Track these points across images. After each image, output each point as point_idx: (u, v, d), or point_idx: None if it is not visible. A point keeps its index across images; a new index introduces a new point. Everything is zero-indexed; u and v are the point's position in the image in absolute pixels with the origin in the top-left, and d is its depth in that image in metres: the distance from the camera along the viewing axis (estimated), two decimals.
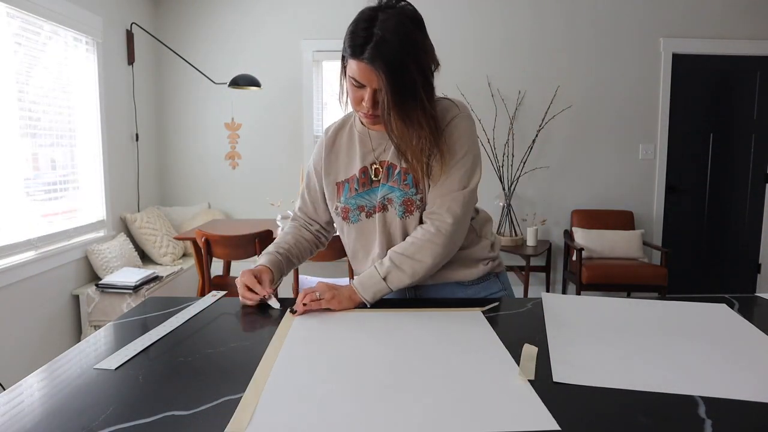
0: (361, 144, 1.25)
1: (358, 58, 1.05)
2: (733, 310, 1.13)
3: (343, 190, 1.26)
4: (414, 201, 1.19)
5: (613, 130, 4.17)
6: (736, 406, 0.71)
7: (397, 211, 1.20)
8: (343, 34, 1.16)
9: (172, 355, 0.89)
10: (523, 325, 1.05)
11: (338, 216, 1.28)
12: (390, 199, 1.20)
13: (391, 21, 1.04)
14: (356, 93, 1.11)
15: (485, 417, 0.68)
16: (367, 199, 1.23)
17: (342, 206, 1.26)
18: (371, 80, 1.06)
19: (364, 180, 1.24)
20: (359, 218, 1.24)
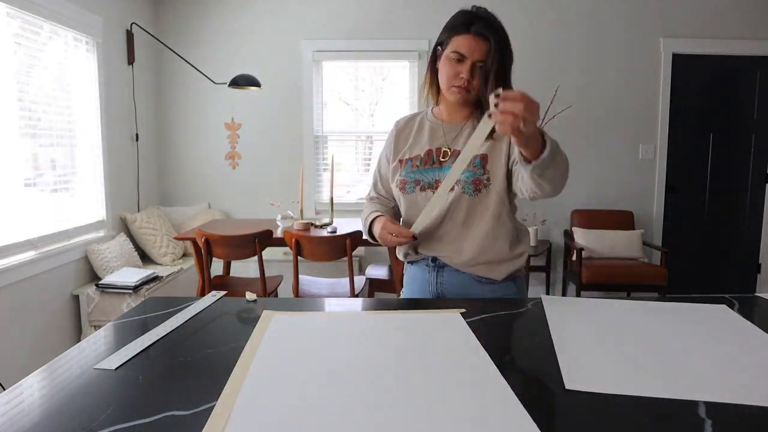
0: (431, 132, 1.40)
1: (466, 32, 1.24)
2: (733, 310, 1.13)
3: (405, 165, 1.39)
4: (482, 180, 1.31)
5: (613, 130, 4.17)
6: (736, 406, 0.71)
7: (465, 189, 1.31)
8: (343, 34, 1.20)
9: (172, 355, 0.89)
10: (523, 325, 1.06)
11: (397, 188, 1.40)
12: (458, 180, 1.30)
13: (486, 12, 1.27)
14: (455, 68, 1.27)
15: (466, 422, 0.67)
16: (424, 175, 1.36)
17: (401, 179, 1.38)
18: (474, 51, 1.24)
19: (427, 159, 1.36)
20: (414, 190, 1.36)
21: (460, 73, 1.26)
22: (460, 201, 1.32)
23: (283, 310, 1.13)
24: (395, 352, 0.90)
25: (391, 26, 4.12)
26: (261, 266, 2.83)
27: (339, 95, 4.33)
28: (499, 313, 1.11)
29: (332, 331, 1.00)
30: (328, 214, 3.64)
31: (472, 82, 1.27)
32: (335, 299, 1.25)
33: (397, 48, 4.13)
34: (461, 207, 1.32)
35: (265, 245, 2.84)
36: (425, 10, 4.08)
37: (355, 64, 4.26)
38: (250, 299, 1.21)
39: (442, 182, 1.29)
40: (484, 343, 0.94)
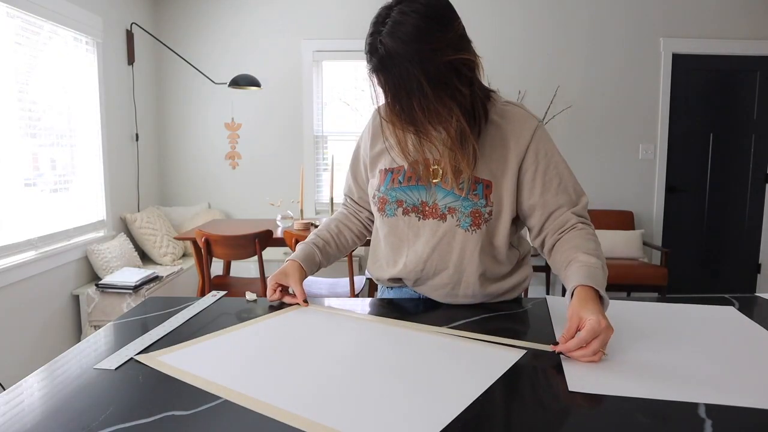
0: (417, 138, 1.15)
1: (368, 69, 1.03)
2: (724, 306, 1.13)
3: (385, 179, 1.17)
4: (483, 213, 1.10)
5: (613, 130, 4.17)
6: (737, 407, 0.71)
7: (461, 222, 1.11)
8: (343, 34, 1.16)
9: None
10: (522, 325, 1.05)
11: (375, 205, 1.21)
12: (453, 209, 1.11)
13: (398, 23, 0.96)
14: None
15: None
16: (408, 195, 1.15)
17: (380, 196, 1.18)
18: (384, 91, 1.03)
19: (411, 174, 1.14)
20: (395, 213, 1.16)
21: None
22: (453, 237, 1.12)
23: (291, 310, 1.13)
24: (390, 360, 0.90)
25: None
26: (261, 266, 2.83)
27: (339, 95, 4.33)
28: (500, 313, 1.11)
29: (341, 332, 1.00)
30: (328, 214, 3.64)
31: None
32: (339, 299, 1.25)
33: None
34: (454, 245, 1.12)
35: (265, 245, 2.84)
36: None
37: (355, 64, 4.26)
38: (250, 299, 1.21)
39: (429, 205, 1.12)
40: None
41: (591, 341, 0.83)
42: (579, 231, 1.08)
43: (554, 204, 1.10)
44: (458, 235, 1.11)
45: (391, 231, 1.18)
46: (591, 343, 0.83)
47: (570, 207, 1.10)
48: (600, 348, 0.84)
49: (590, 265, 0.99)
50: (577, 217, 1.10)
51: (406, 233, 1.16)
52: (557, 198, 1.10)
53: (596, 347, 0.83)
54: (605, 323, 0.85)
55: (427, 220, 1.13)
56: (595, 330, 0.84)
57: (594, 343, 0.83)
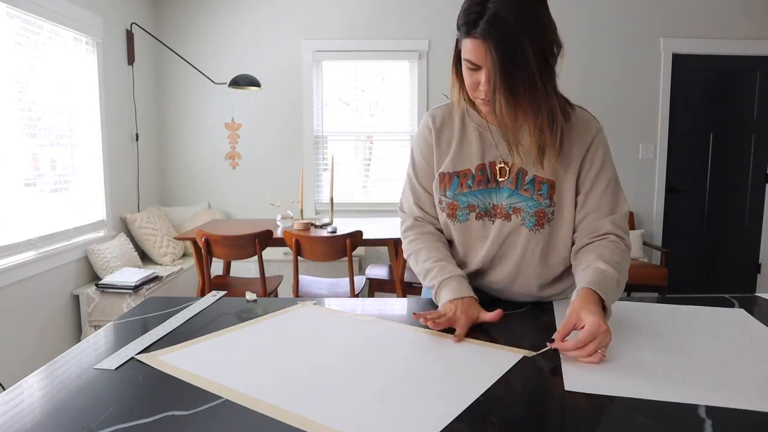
0: (480, 138, 1.14)
1: (471, 35, 0.97)
2: (741, 311, 1.13)
3: (451, 183, 1.15)
4: (547, 213, 1.10)
5: (613, 130, 4.17)
6: (737, 408, 0.71)
7: (526, 222, 1.10)
8: (343, 34, 1.16)
9: None
10: (522, 325, 1.05)
11: (442, 212, 1.17)
12: (518, 209, 1.11)
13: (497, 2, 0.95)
14: (473, 77, 1.02)
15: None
16: (480, 199, 1.13)
17: (449, 202, 1.15)
18: (486, 59, 0.97)
19: (481, 178, 1.13)
20: (467, 218, 1.14)
21: (479, 84, 1.02)
22: (517, 235, 1.12)
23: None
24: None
25: (391, 26, 4.12)
26: (261, 266, 2.83)
27: (339, 95, 4.33)
28: (504, 314, 1.11)
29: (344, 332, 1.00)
30: (328, 214, 3.64)
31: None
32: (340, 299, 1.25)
33: (397, 48, 4.13)
34: (518, 243, 1.12)
35: (265, 245, 2.84)
36: (425, 10, 4.08)
37: (355, 64, 4.26)
38: (250, 299, 1.21)
39: (498, 207, 1.12)
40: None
41: (589, 343, 0.83)
42: (610, 242, 1.06)
43: (593, 206, 1.10)
44: (522, 234, 1.12)
45: (464, 234, 1.16)
46: (588, 344, 0.83)
47: (609, 214, 1.09)
48: (596, 350, 0.84)
49: (605, 273, 0.98)
50: (614, 226, 1.08)
51: (480, 235, 1.15)
52: (599, 201, 1.09)
53: (592, 349, 0.83)
54: (605, 327, 0.85)
55: (497, 220, 1.13)
56: (593, 332, 0.83)
57: (591, 345, 0.83)
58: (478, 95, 1.04)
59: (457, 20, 1.01)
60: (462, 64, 1.04)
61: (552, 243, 1.13)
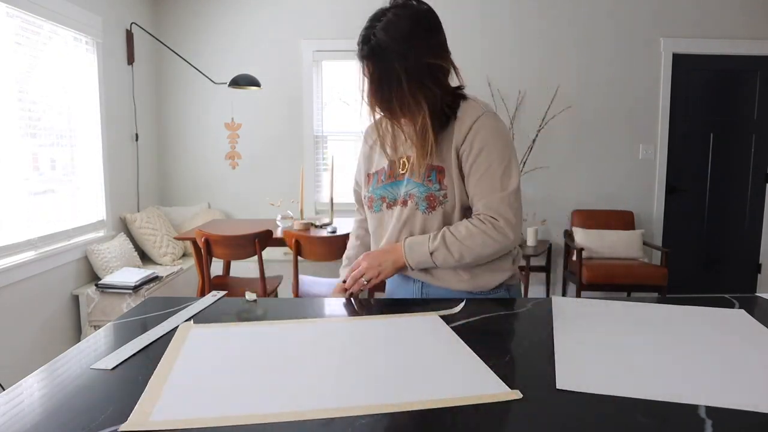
0: (393, 138, 1.29)
1: (358, 56, 1.18)
2: (734, 309, 1.13)
3: (372, 180, 1.32)
4: (437, 197, 1.21)
5: (613, 130, 4.17)
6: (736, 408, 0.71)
7: (419, 206, 1.22)
8: (343, 34, 1.23)
9: None
10: (522, 326, 1.05)
11: (365, 206, 1.35)
12: (412, 195, 1.23)
13: (392, 22, 1.13)
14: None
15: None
16: (389, 191, 1.28)
17: (368, 196, 1.32)
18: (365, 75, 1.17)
19: (390, 172, 1.28)
20: (381, 208, 1.29)
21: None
22: (414, 218, 1.23)
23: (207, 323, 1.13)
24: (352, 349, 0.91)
25: None
26: (261, 266, 2.83)
27: (339, 95, 4.33)
28: (500, 313, 1.11)
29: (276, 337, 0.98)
30: (328, 214, 3.64)
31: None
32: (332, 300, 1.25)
33: None
34: (415, 225, 1.24)
35: (265, 245, 2.84)
36: None
37: (355, 64, 4.25)
38: (250, 299, 1.21)
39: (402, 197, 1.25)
40: (481, 342, 0.94)
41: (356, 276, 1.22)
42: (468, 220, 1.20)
43: (473, 190, 1.20)
44: (418, 218, 1.23)
45: (379, 224, 1.32)
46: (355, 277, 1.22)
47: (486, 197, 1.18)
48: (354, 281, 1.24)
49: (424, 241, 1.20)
50: (485, 207, 1.18)
51: (388, 223, 1.29)
52: (478, 185, 1.19)
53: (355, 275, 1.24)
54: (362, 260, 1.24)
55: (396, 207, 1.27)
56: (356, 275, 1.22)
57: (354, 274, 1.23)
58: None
59: None
60: None
61: (445, 222, 1.23)
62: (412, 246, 1.21)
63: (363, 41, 1.16)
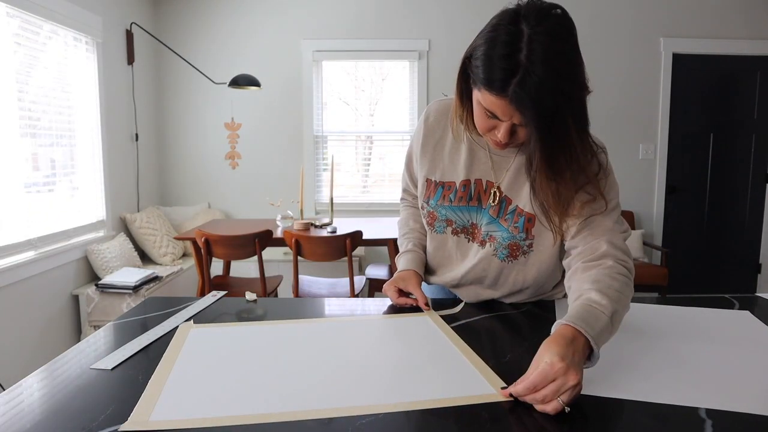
0: (470, 154, 1.10)
1: (498, 94, 0.83)
2: (733, 310, 1.13)
3: (435, 193, 1.13)
4: (521, 246, 1.07)
5: (613, 130, 4.17)
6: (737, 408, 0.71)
7: (498, 252, 1.09)
8: (343, 34, 1.14)
9: None
10: (523, 326, 1.05)
11: (424, 218, 1.19)
12: (493, 237, 1.09)
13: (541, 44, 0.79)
14: (487, 122, 0.92)
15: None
16: (459, 216, 1.12)
17: (430, 210, 1.15)
18: (513, 116, 0.87)
19: (463, 194, 1.10)
20: (444, 231, 1.15)
21: (495, 130, 0.92)
22: (490, 263, 1.10)
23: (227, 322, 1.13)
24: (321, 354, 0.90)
25: (391, 26, 4.12)
26: (261, 266, 2.83)
27: (339, 95, 4.33)
28: (500, 313, 1.11)
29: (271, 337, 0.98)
30: (328, 214, 3.64)
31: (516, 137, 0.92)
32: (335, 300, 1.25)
33: (397, 48, 4.13)
34: (490, 270, 1.11)
35: (265, 245, 2.83)
36: (425, 10, 4.07)
37: (355, 64, 4.26)
38: (250, 299, 1.20)
39: (478, 227, 1.10)
40: (481, 343, 0.94)
41: (541, 387, 0.69)
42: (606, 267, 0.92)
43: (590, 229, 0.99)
44: (494, 264, 1.10)
45: (439, 246, 1.17)
46: (542, 389, 0.69)
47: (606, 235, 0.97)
48: (552, 397, 0.68)
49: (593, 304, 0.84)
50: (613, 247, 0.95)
51: (455, 252, 1.15)
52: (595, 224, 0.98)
53: (546, 394, 0.68)
54: (562, 366, 0.69)
55: (474, 242, 1.12)
56: (546, 374, 0.69)
57: (545, 390, 0.69)
58: (491, 137, 0.95)
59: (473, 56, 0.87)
60: (474, 102, 0.93)
61: (527, 270, 1.10)
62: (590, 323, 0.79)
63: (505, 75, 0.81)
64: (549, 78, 0.79)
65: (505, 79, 0.81)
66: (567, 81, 0.82)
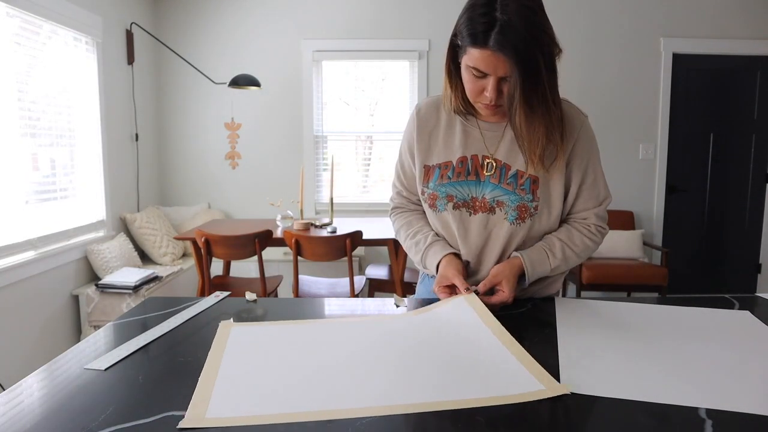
0: (464, 132, 1.18)
1: (482, 46, 0.97)
2: (733, 310, 1.13)
3: (433, 175, 1.19)
4: (529, 208, 1.13)
5: (613, 130, 4.17)
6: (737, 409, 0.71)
7: (508, 215, 1.14)
8: (343, 34, 1.16)
9: (172, 355, 0.89)
10: (524, 326, 1.05)
11: (425, 203, 1.22)
12: (501, 202, 1.14)
13: (513, 2, 0.96)
14: (476, 83, 1.04)
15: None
16: (458, 190, 1.17)
17: (430, 192, 1.19)
18: (497, 68, 0.99)
19: (461, 170, 1.16)
20: (445, 208, 1.18)
21: (484, 90, 1.04)
22: (500, 228, 1.15)
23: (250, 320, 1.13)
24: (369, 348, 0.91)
25: (391, 26, 4.12)
26: (261, 266, 2.83)
27: (339, 95, 4.33)
28: (501, 314, 1.11)
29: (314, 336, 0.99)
30: (328, 214, 3.64)
31: (502, 96, 1.04)
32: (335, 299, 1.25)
33: (397, 48, 4.13)
34: (500, 234, 1.16)
35: (265, 245, 2.84)
36: (425, 10, 4.08)
37: (355, 64, 4.26)
38: (250, 299, 1.20)
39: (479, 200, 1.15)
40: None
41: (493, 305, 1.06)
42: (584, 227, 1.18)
43: (582, 200, 1.18)
44: (504, 228, 1.15)
45: (444, 226, 1.21)
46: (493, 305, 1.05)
47: (594, 207, 1.19)
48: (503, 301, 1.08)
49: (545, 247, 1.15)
50: (597, 218, 1.19)
51: (458, 226, 1.18)
52: (588, 195, 1.18)
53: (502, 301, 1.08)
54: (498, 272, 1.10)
55: (477, 214, 1.17)
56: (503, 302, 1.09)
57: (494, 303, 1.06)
58: (481, 101, 1.06)
59: (457, 28, 1.04)
60: (462, 70, 1.06)
61: (531, 235, 1.18)
62: (534, 265, 1.13)
63: (485, 28, 0.96)
64: (522, 26, 0.95)
65: (486, 31, 0.96)
66: (537, 29, 0.97)
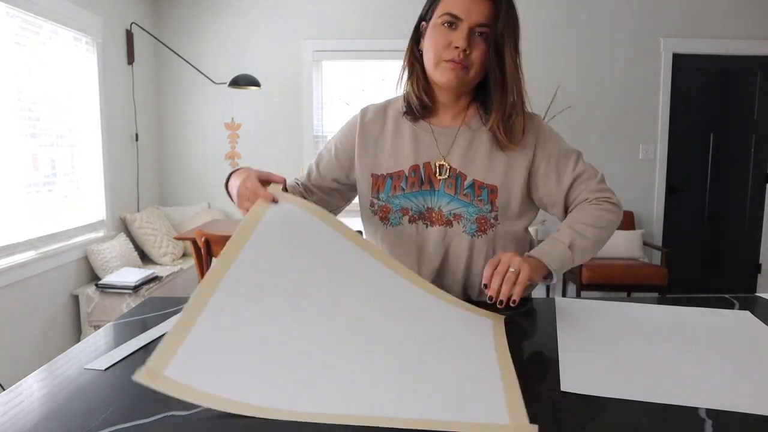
0: (414, 138, 1.11)
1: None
2: (733, 310, 1.13)
3: (384, 185, 1.11)
4: (488, 219, 1.07)
5: (613, 130, 4.17)
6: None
7: (466, 228, 1.08)
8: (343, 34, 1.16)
9: None
10: (524, 326, 1.05)
11: (374, 215, 1.13)
12: (458, 215, 1.08)
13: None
14: (446, 37, 0.99)
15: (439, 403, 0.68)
16: (413, 202, 1.10)
17: (381, 204, 1.12)
18: (471, 11, 0.96)
19: (414, 179, 1.09)
20: (400, 221, 1.10)
21: (452, 42, 0.97)
22: (459, 241, 1.10)
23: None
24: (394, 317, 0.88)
25: (391, 26, 4.12)
26: None
27: (339, 95, 4.33)
28: (500, 313, 1.11)
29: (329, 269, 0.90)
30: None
31: (471, 54, 0.98)
32: None
33: (397, 48, 4.12)
34: (460, 249, 1.10)
35: None
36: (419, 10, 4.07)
37: (355, 64, 4.26)
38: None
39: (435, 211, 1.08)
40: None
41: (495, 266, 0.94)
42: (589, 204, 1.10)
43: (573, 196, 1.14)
44: (464, 241, 1.09)
45: (397, 240, 1.13)
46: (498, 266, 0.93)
47: (588, 188, 1.13)
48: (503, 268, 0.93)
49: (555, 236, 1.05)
50: (593, 193, 1.12)
51: (415, 241, 1.11)
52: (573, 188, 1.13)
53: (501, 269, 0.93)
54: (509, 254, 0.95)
55: (434, 227, 1.10)
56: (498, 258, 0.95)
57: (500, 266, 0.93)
58: (447, 56, 1.00)
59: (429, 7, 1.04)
60: (429, 32, 1.02)
61: (499, 247, 1.11)
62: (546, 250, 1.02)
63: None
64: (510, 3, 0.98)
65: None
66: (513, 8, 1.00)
